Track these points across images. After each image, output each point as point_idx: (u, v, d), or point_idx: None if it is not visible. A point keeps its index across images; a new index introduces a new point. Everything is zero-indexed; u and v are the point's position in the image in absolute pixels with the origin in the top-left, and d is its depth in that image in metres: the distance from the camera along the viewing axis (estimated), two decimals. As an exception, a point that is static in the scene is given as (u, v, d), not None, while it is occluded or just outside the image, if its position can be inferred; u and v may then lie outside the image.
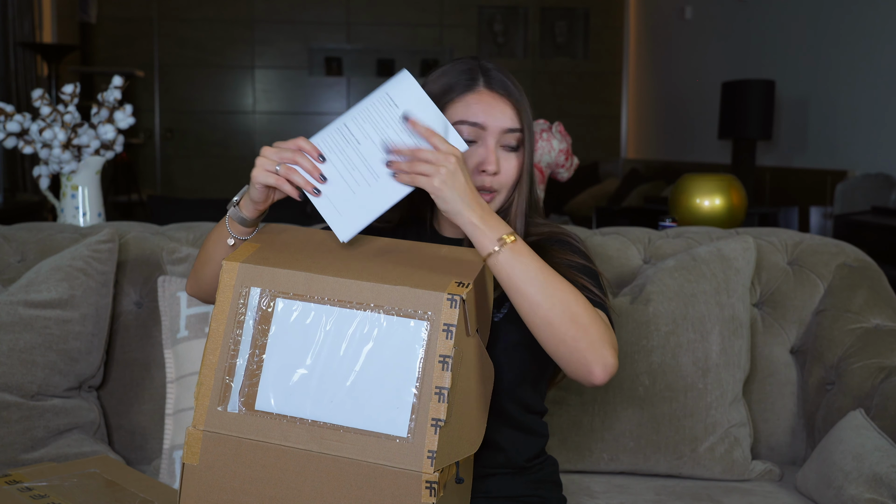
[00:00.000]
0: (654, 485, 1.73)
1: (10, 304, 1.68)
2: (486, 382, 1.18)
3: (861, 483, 1.49)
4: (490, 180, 1.27)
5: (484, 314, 1.18)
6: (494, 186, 1.28)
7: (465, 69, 1.30)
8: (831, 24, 4.74)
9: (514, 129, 1.28)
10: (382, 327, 1.09)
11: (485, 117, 1.27)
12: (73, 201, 2.24)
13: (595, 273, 1.30)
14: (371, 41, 8.07)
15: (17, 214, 4.39)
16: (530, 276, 1.11)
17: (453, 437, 1.10)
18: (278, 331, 1.12)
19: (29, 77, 6.01)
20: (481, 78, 1.29)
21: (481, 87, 1.28)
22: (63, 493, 1.40)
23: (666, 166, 6.84)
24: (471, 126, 1.27)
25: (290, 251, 1.18)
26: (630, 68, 8.08)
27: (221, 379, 1.14)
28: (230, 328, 1.14)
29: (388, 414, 1.07)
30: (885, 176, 4.14)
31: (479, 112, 1.27)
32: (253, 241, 1.21)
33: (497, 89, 1.28)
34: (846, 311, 1.85)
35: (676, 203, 2.64)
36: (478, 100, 1.27)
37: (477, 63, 1.31)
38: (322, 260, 1.15)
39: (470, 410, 1.15)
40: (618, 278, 1.90)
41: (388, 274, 1.11)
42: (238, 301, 1.14)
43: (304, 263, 1.14)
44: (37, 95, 2.20)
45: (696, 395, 1.72)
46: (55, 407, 1.68)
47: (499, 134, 1.27)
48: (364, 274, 1.11)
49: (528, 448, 1.34)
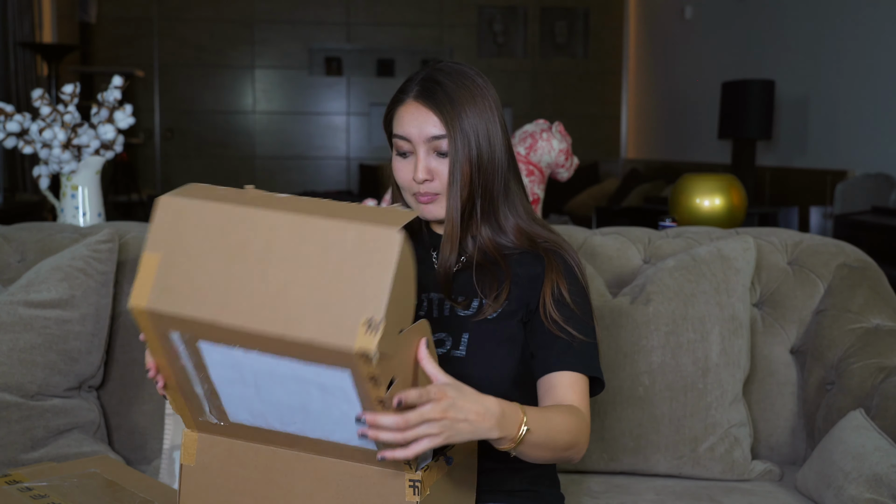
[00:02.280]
0: (654, 485, 1.73)
1: (10, 304, 1.68)
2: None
3: (861, 483, 1.49)
4: (423, 187, 1.32)
5: (404, 306, 1.02)
6: (432, 190, 1.33)
7: (407, 80, 1.36)
8: (831, 24, 4.74)
9: (438, 137, 1.30)
10: (308, 377, 1.01)
11: (409, 128, 1.32)
12: (73, 201, 2.24)
13: (586, 295, 1.36)
14: (371, 41, 8.07)
15: (17, 214, 4.39)
16: (540, 455, 1.19)
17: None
18: (213, 363, 1.06)
19: (29, 77, 6.01)
20: (414, 89, 1.33)
21: (409, 99, 1.33)
22: (63, 493, 1.40)
23: (666, 166, 6.83)
24: (401, 140, 1.33)
25: (196, 273, 1.03)
26: (630, 68, 8.08)
27: (190, 397, 1.12)
28: (172, 363, 1.08)
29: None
30: (885, 176, 4.14)
31: (405, 124, 1.32)
32: (153, 250, 1.05)
33: (422, 98, 1.31)
34: (846, 311, 1.85)
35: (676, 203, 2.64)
36: (405, 111, 1.32)
37: (421, 72, 1.35)
38: (231, 295, 1.01)
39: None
40: (618, 278, 1.90)
41: (294, 312, 0.98)
42: (165, 342, 1.06)
43: (210, 301, 1.01)
44: (37, 95, 2.20)
45: (696, 395, 1.72)
46: (55, 407, 1.68)
47: (425, 142, 1.31)
48: (272, 316, 0.99)
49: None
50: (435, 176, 1.32)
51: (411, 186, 1.34)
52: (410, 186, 1.34)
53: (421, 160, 1.32)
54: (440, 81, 1.31)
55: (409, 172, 1.34)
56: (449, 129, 1.29)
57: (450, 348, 1.31)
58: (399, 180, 1.36)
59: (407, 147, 1.33)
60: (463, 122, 1.30)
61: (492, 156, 1.32)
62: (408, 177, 1.34)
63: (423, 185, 1.32)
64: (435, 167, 1.32)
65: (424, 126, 1.30)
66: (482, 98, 1.32)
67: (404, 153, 1.34)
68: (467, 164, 1.30)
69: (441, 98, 1.30)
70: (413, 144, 1.32)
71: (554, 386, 1.28)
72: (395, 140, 1.34)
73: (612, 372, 1.74)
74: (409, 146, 1.32)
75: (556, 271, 1.33)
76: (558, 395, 1.28)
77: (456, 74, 1.33)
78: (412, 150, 1.33)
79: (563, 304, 1.31)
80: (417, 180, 1.32)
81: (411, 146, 1.32)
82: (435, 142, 1.31)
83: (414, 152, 1.33)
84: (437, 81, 1.31)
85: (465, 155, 1.30)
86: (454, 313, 1.34)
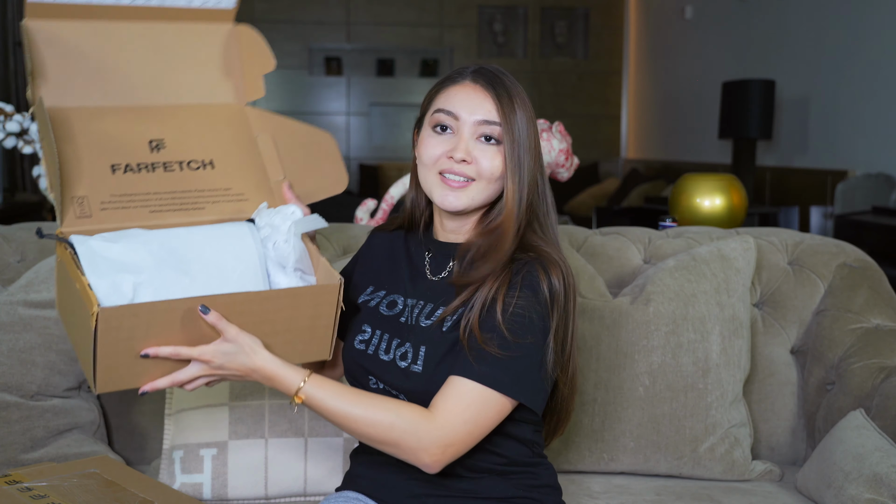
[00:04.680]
0: (654, 485, 1.73)
1: (9, 304, 1.68)
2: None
3: (861, 483, 1.49)
4: (458, 167, 1.28)
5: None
6: (466, 173, 1.28)
7: (461, 67, 1.34)
8: (831, 24, 4.74)
9: (490, 122, 1.28)
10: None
11: (459, 107, 1.29)
12: (73, 201, 2.24)
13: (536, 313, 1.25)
14: (371, 41, 8.07)
15: (16, 214, 4.38)
16: (346, 430, 1.24)
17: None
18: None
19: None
20: (470, 73, 1.31)
21: (465, 80, 1.31)
22: (63, 493, 1.40)
23: (666, 166, 6.84)
24: (445, 114, 1.29)
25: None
26: (630, 68, 8.08)
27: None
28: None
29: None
30: (886, 176, 4.14)
31: (455, 102, 1.29)
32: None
33: (480, 81, 1.30)
34: (846, 311, 1.85)
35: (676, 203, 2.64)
36: (458, 90, 1.30)
37: (477, 64, 1.34)
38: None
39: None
40: (618, 278, 1.90)
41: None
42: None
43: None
44: (37, 95, 2.20)
45: (697, 395, 1.72)
46: (55, 407, 1.68)
47: (473, 125, 1.29)
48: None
49: (517, 451, 1.33)
50: (474, 161, 1.28)
51: (441, 163, 1.29)
52: (439, 163, 1.29)
53: (464, 140, 1.28)
54: (498, 75, 1.30)
55: (442, 147, 1.29)
56: (504, 120, 1.27)
57: (409, 363, 1.29)
58: (426, 156, 1.31)
59: (450, 122, 1.29)
60: (517, 119, 1.28)
61: (531, 164, 1.29)
62: (437, 152, 1.29)
63: (459, 164, 1.28)
64: (477, 154, 1.28)
65: (478, 109, 1.28)
66: (529, 105, 1.31)
67: (444, 128, 1.30)
68: (520, 165, 1.28)
69: (500, 89, 1.29)
70: (459, 123, 1.29)
71: (442, 388, 1.24)
72: (436, 115, 1.30)
73: (612, 372, 1.73)
74: (455, 123, 1.29)
75: (503, 282, 1.25)
76: (437, 396, 1.23)
77: (509, 76, 1.32)
78: (454, 129, 1.29)
79: (490, 318, 1.24)
80: (456, 159, 1.28)
81: (456, 123, 1.29)
82: (485, 126, 1.28)
83: (457, 132, 1.29)
84: (494, 73, 1.30)
85: (515, 154, 1.28)
86: (418, 323, 1.31)
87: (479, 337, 1.22)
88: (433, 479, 1.31)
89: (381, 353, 1.32)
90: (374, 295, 1.40)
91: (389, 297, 1.38)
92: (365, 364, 1.34)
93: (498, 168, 1.29)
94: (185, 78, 1.37)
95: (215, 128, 1.38)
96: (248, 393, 1.67)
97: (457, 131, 1.29)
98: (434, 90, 1.34)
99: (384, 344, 1.33)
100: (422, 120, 1.35)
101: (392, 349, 1.31)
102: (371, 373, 1.33)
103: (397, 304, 1.36)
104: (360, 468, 1.41)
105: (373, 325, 1.36)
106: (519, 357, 1.23)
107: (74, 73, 1.30)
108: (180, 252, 1.22)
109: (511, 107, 1.28)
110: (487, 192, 1.30)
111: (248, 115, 1.41)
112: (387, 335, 1.33)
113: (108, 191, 1.27)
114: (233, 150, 1.37)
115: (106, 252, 1.18)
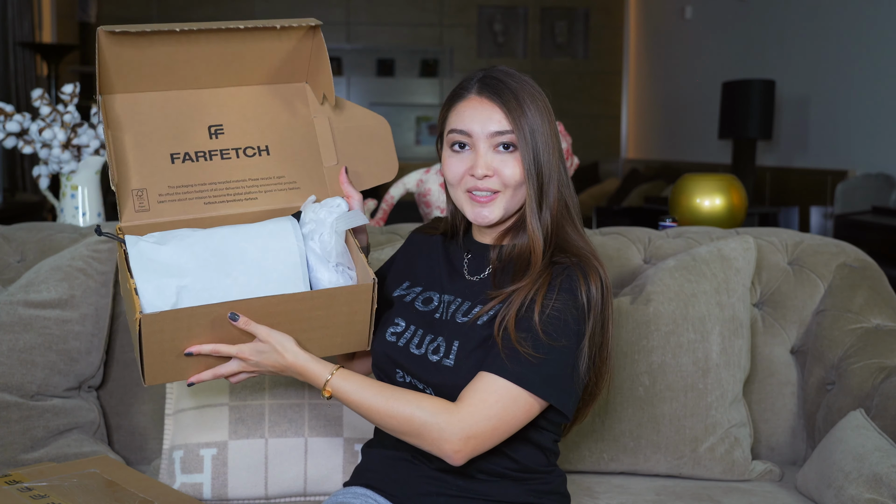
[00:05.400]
0: (654, 485, 1.73)
1: (9, 304, 1.68)
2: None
3: (861, 483, 1.49)
4: (483, 183, 1.30)
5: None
6: (492, 187, 1.30)
7: (464, 79, 1.35)
8: (831, 24, 4.74)
9: (503, 132, 1.29)
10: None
11: (470, 123, 1.31)
12: (73, 201, 2.24)
13: (572, 317, 1.25)
14: (371, 41, 8.06)
15: (16, 214, 4.38)
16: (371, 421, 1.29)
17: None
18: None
19: (29, 77, 6.01)
20: (475, 85, 1.32)
21: (471, 95, 1.32)
22: (63, 493, 1.40)
23: (666, 166, 6.83)
24: (459, 133, 1.32)
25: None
26: (630, 68, 8.08)
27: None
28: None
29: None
30: (886, 176, 4.14)
31: (465, 119, 1.31)
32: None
33: (486, 94, 1.31)
34: (846, 311, 1.85)
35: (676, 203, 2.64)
36: (466, 106, 1.32)
37: (480, 72, 1.35)
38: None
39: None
40: (618, 278, 1.90)
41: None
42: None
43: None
44: (36, 95, 2.20)
45: (697, 395, 1.72)
46: (55, 407, 1.68)
47: (487, 138, 1.30)
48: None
49: (534, 459, 1.34)
50: (495, 173, 1.30)
51: (466, 182, 1.32)
52: (465, 182, 1.32)
53: (481, 155, 1.30)
54: (502, 79, 1.31)
55: (464, 166, 1.32)
56: (515, 125, 1.28)
57: (441, 356, 1.30)
58: (450, 176, 1.33)
59: (465, 140, 1.31)
60: (528, 119, 1.29)
61: (549, 159, 1.30)
62: (460, 170, 1.32)
63: (482, 180, 1.30)
64: (497, 165, 1.30)
65: (488, 122, 1.29)
66: (541, 99, 1.32)
67: (462, 145, 1.32)
68: (538, 163, 1.29)
69: (506, 94, 1.29)
70: (473, 140, 1.30)
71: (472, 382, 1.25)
72: (451, 135, 1.32)
73: (612, 373, 1.73)
74: (469, 140, 1.31)
75: (543, 284, 1.26)
76: (466, 389, 1.24)
77: (515, 75, 1.32)
78: (472, 146, 1.31)
79: (527, 319, 1.25)
80: (478, 175, 1.30)
81: (471, 141, 1.31)
82: (498, 137, 1.29)
83: (473, 147, 1.31)
84: (498, 79, 1.31)
85: (532, 154, 1.28)
86: (453, 319, 1.33)
87: (513, 336, 1.23)
88: (444, 478, 1.32)
89: (412, 346, 1.34)
90: (410, 290, 1.42)
91: (426, 293, 1.40)
92: (394, 356, 1.35)
93: (519, 173, 1.30)
94: (246, 66, 1.39)
95: (273, 110, 1.42)
96: (248, 393, 1.67)
97: (473, 147, 1.31)
98: (445, 108, 1.36)
99: (416, 339, 1.34)
100: (441, 138, 1.38)
101: (424, 344, 1.33)
102: (399, 365, 1.34)
103: (433, 301, 1.37)
104: (372, 462, 1.41)
105: (407, 320, 1.37)
106: (551, 359, 1.23)
107: (137, 68, 1.33)
108: (223, 252, 1.28)
109: (520, 110, 1.29)
110: (517, 198, 1.32)
111: (307, 95, 1.44)
112: (420, 330, 1.35)
113: (166, 182, 1.33)
114: (288, 135, 1.42)
115: (154, 254, 1.25)
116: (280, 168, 1.40)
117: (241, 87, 1.41)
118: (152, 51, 1.31)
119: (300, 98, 1.44)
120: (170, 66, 1.34)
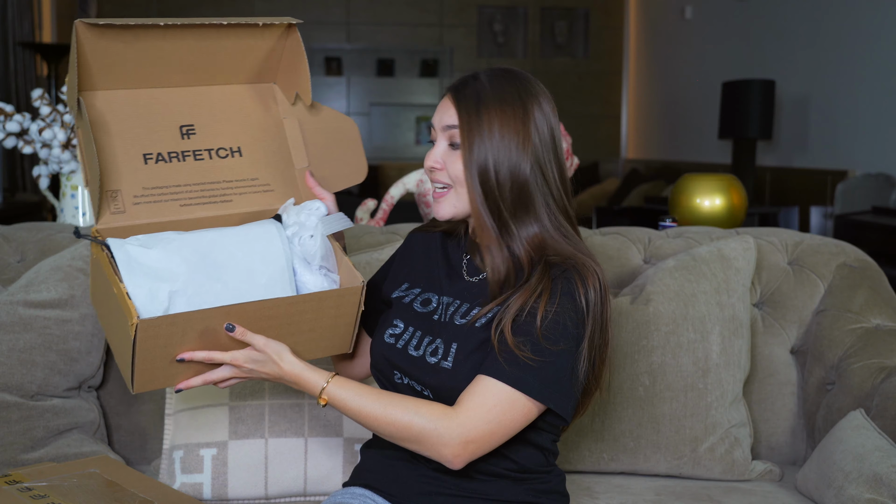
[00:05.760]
0: (654, 485, 1.73)
1: (9, 304, 1.68)
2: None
3: (861, 483, 1.49)
4: (434, 175, 1.33)
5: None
6: (440, 179, 1.33)
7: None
8: (831, 24, 4.74)
9: (450, 126, 1.31)
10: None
11: (434, 117, 1.35)
12: (73, 201, 2.24)
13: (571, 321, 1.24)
14: (371, 41, 8.06)
15: (16, 214, 4.38)
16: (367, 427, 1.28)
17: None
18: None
19: (29, 77, 6.01)
20: (453, 84, 1.35)
21: (446, 94, 1.35)
22: (63, 493, 1.40)
23: (666, 166, 6.83)
24: (430, 130, 1.36)
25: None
26: (630, 68, 8.08)
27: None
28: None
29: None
30: (886, 176, 4.14)
31: (434, 115, 1.35)
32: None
33: (451, 91, 1.33)
34: (846, 311, 1.85)
35: (676, 203, 2.64)
36: (441, 102, 1.35)
37: (487, 69, 1.35)
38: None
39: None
40: (618, 278, 1.90)
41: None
42: None
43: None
44: (36, 95, 2.20)
45: (697, 395, 1.72)
46: (55, 407, 1.68)
47: (440, 131, 1.33)
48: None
49: (533, 459, 1.34)
50: (443, 165, 1.32)
51: (427, 174, 1.35)
52: (427, 174, 1.36)
53: (436, 147, 1.33)
54: (478, 78, 1.32)
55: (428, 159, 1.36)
56: (463, 123, 1.28)
57: (440, 358, 1.30)
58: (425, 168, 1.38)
59: (433, 136, 1.35)
60: (483, 124, 1.27)
61: (510, 165, 1.27)
62: (426, 163, 1.35)
63: (432, 172, 1.33)
64: (445, 157, 1.32)
65: (443, 116, 1.32)
66: (516, 105, 1.28)
67: (432, 142, 1.36)
68: (480, 166, 1.27)
69: (467, 94, 1.30)
70: (435, 132, 1.34)
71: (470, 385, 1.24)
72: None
73: (611, 372, 1.73)
74: (434, 133, 1.34)
75: (544, 289, 1.25)
76: (464, 393, 1.24)
77: (500, 78, 1.31)
78: (435, 139, 1.35)
79: (527, 324, 1.23)
80: (426, 167, 1.33)
81: (435, 134, 1.34)
82: (448, 131, 1.31)
83: (436, 140, 1.34)
84: (475, 77, 1.32)
85: (479, 157, 1.27)
86: (451, 321, 1.32)
87: (509, 340, 1.23)
88: (443, 478, 1.32)
89: (410, 348, 1.34)
90: (408, 291, 1.42)
91: (424, 294, 1.40)
92: (392, 358, 1.35)
93: (461, 171, 1.30)
94: (222, 64, 1.38)
95: (244, 110, 1.41)
96: (248, 393, 1.67)
97: (436, 140, 1.34)
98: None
99: (415, 340, 1.34)
100: None
101: (423, 346, 1.33)
102: (397, 367, 1.34)
103: (431, 302, 1.37)
104: (370, 462, 1.41)
105: (405, 321, 1.37)
106: (550, 363, 1.23)
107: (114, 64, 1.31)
108: (212, 257, 1.27)
109: (475, 109, 1.28)
110: (467, 197, 1.31)
111: (276, 95, 1.43)
112: (419, 332, 1.35)
113: (141, 183, 1.31)
114: (260, 136, 1.40)
115: (143, 258, 1.23)
116: (253, 170, 1.38)
117: (212, 87, 1.39)
118: (128, 46, 1.28)
119: (272, 98, 1.43)
120: (144, 63, 1.32)
